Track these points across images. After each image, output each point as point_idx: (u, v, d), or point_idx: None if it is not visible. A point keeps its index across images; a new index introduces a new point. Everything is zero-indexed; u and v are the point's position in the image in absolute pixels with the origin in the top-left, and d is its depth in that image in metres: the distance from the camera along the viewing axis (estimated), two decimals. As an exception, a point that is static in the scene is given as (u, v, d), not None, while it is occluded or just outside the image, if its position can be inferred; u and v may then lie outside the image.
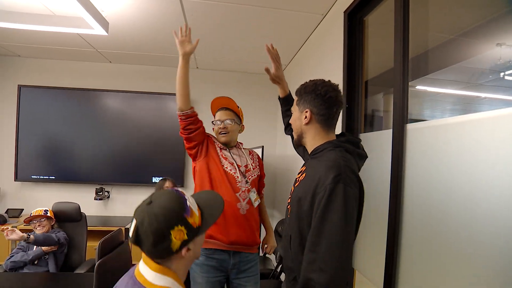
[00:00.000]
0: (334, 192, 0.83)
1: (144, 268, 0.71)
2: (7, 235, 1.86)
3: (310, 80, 1.04)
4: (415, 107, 1.26)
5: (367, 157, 1.06)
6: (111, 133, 3.33)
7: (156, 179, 3.33)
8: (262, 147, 2.47)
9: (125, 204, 3.44)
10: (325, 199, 0.83)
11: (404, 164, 1.19)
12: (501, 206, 0.79)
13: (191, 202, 0.75)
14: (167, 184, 2.40)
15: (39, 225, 2.11)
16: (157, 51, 3.02)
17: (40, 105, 3.24)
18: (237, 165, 1.50)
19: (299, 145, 1.11)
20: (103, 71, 3.43)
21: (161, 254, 0.70)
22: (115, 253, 1.40)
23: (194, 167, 1.52)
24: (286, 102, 1.41)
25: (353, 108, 1.70)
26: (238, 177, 1.47)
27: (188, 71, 1.49)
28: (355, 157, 0.99)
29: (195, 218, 0.73)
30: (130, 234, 0.70)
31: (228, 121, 1.54)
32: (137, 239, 0.68)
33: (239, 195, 1.44)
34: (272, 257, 2.90)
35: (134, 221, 0.69)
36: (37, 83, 3.29)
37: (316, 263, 0.82)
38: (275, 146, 3.66)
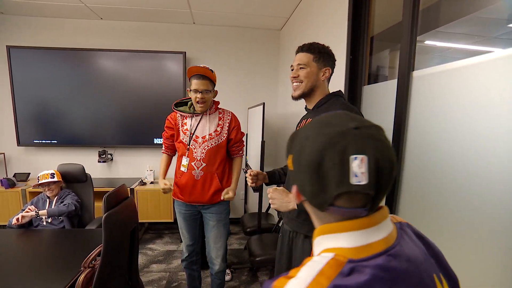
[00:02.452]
0: None
1: None
2: (21, 222, 1.92)
3: (323, 44, 1.20)
4: (423, 64, 1.20)
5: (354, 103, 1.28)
6: (109, 95, 3.26)
7: (157, 140, 3.35)
8: (263, 104, 2.43)
9: (129, 166, 3.51)
10: None
11: (407, 115, 1.17)
12: (506, 152, 0.78)
13: None
14: None
15: (48, 189, 2.16)
16: (152, 5, 2.82)
17: (33, 67, 3.12)
18: (195, 136, 1.70)
19: (300, 98, 1.22)
20: (95, 28, 3.25)
21: None
22: (121, 207, 1.45)
23: None
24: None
25: (357, 61, 1.63)
26: (194, 147, 1.70)
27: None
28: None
29: None
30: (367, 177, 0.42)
31: (205, 92, 1.63)
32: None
33: (194, 164, 1.70)
34: (274, 213, 3.02)
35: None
36: (26, 43, 3.14)
37: None
38: (277, 103, 3.61)
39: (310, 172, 0.44)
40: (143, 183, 3.20)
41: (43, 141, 3.27)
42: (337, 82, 1.79)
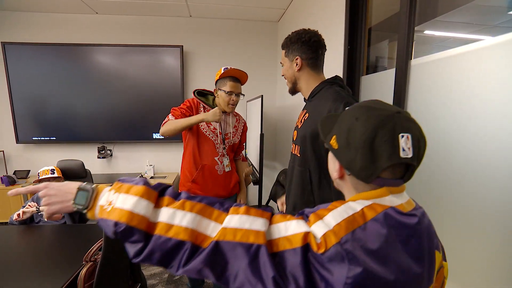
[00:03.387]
0: None
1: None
2: (22, 217, 1.93)
3: (292, 32, 1.15)
4: (422, 54, 1.18)
5: (353, 93, 1.20)
6: (107, 90, 3.24)
7: (156, 135, 3.35)
8: (261, 96, 2.42)
9: (128, 161, 3.51)
10: None
11: (406, 104, 1.17)
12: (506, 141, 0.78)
13: None
14: None
15: (48, 185, 2.16)
16: (146, -1, 2.79)
17: (29, 64, 3.10)
18: (219, 132, 1.73)
19: (294, 93, 1.23)
20: (91, 23, 3.22)
21: None
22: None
23: (185, 133, 1.78)
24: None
25: (354, 52, 1.62)
26: (217, 143, 1.73)
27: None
28: (346, 91, 1.12)
29: None
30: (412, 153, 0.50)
31: (240, 96, 1.68)
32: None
33: (218, 158, 1.73)
34: (274, 205, 3.04)
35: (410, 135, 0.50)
36: (20, 39, 3.10)
37: None
38: (275, 96, 3.60)
39: (365, 147, 0.50)
40: (143, 178, 3.20)
41: (41, 138, 3.26)
42: (335, 72, 1.78)
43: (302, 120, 1.15)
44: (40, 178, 2.13)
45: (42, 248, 1.62)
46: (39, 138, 3.26)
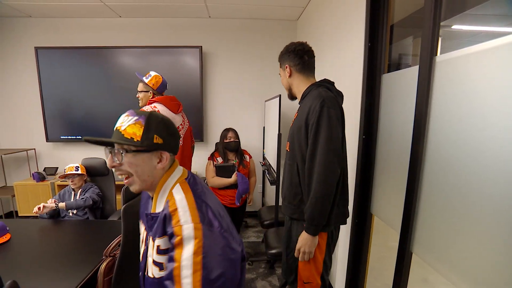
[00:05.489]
0: (321, 113, 1.13)
1: None
2: (42, 211, 2.02)
3: (287, 45, 1.33)
4: (450, 51, 1.11)
5: (343, 96, 1.33)
6: (129, 91, 3.34)
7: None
8: (279, 96, 2.40)
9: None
10: (316, 121, 1.14)
11: (429, 103, 1.09)
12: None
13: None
14: (230, 134, 2.69)
15: (72, 182, 2.26)
16: (168, 1, 2.85)
17: (58, 67, 3.27)
18: None
19: (292, 98, 1.43)
20: (114, 26, 3.34)
21: None
22: (139, 199, 1.49)
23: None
24: None
25: (375, 49, 1.55)
26: None
27: None
28: (334, 94, 1.25)
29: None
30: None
31: (138, 94, 2.19)
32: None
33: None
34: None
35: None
36: (52, 44, 3.28)
37: (314, 168, 1.14)
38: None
39: (174, 129, 0.87)
40: (162, 177, 3.27)
41: (69, 137, 3.43)
42: (355, 71, 1.73)
43: (293, 120, 1.32)
44: (65, 174, 2.23)
45: (66, 241, 1.70)
46: (66, 137, 3.43)
